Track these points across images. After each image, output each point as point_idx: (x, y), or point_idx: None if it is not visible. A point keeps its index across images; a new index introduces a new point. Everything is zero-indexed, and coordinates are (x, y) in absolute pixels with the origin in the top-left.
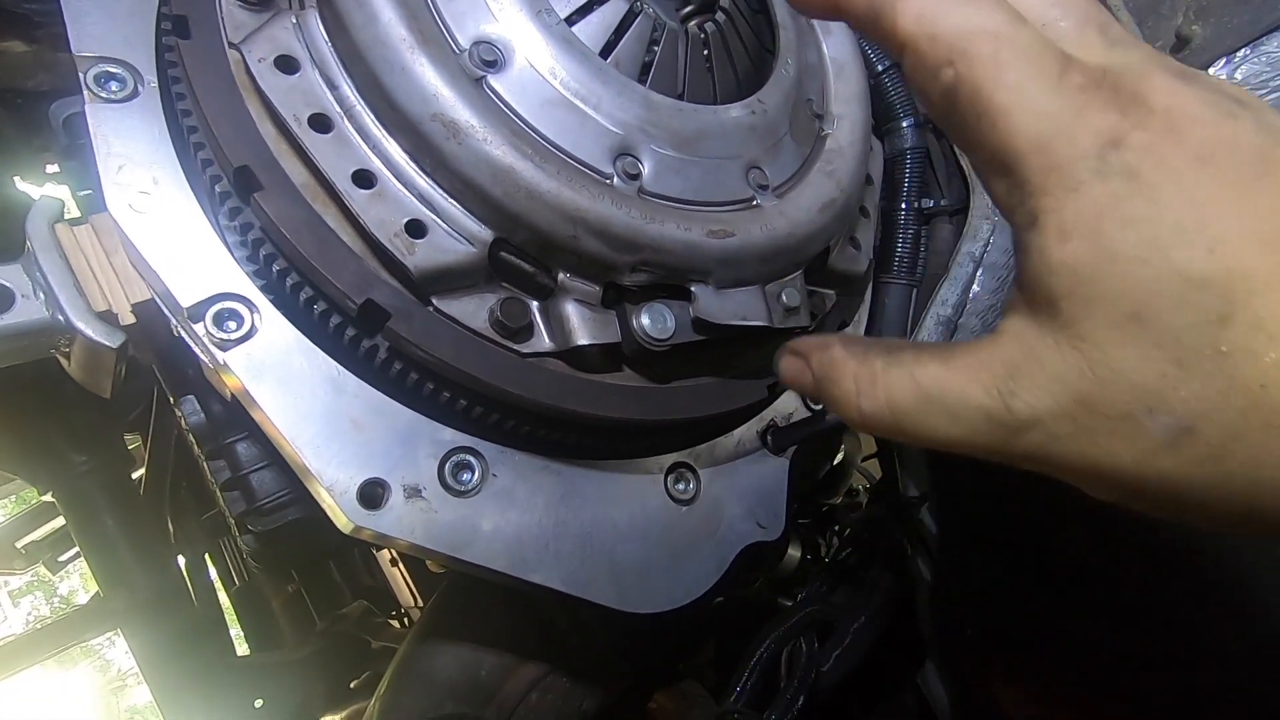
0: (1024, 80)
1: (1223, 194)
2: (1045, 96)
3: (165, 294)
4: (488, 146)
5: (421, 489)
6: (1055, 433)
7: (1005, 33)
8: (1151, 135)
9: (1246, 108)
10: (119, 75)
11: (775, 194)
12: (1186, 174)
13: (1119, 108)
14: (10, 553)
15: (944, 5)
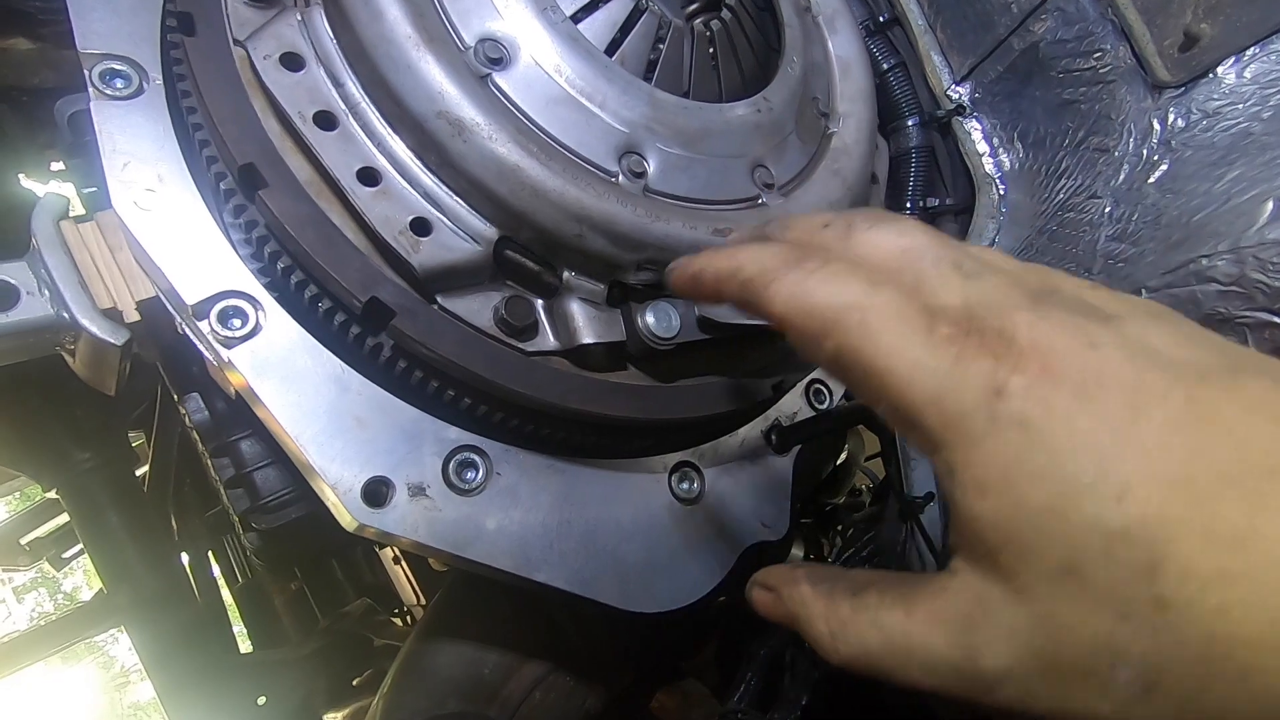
0: (897, 342)
1: (1110, 435)
2: (921, 353)
3: (170, 291)
4: (493, 144)
5: (426, 487)
6: (1028, 687)
7: (865, 301)
8: (1028, 378)
9: (1108, 327)
10: (124, 72)
11: (780, 193)
12: (1073, 416)
13: (991, 352)
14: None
15: (807, 284)
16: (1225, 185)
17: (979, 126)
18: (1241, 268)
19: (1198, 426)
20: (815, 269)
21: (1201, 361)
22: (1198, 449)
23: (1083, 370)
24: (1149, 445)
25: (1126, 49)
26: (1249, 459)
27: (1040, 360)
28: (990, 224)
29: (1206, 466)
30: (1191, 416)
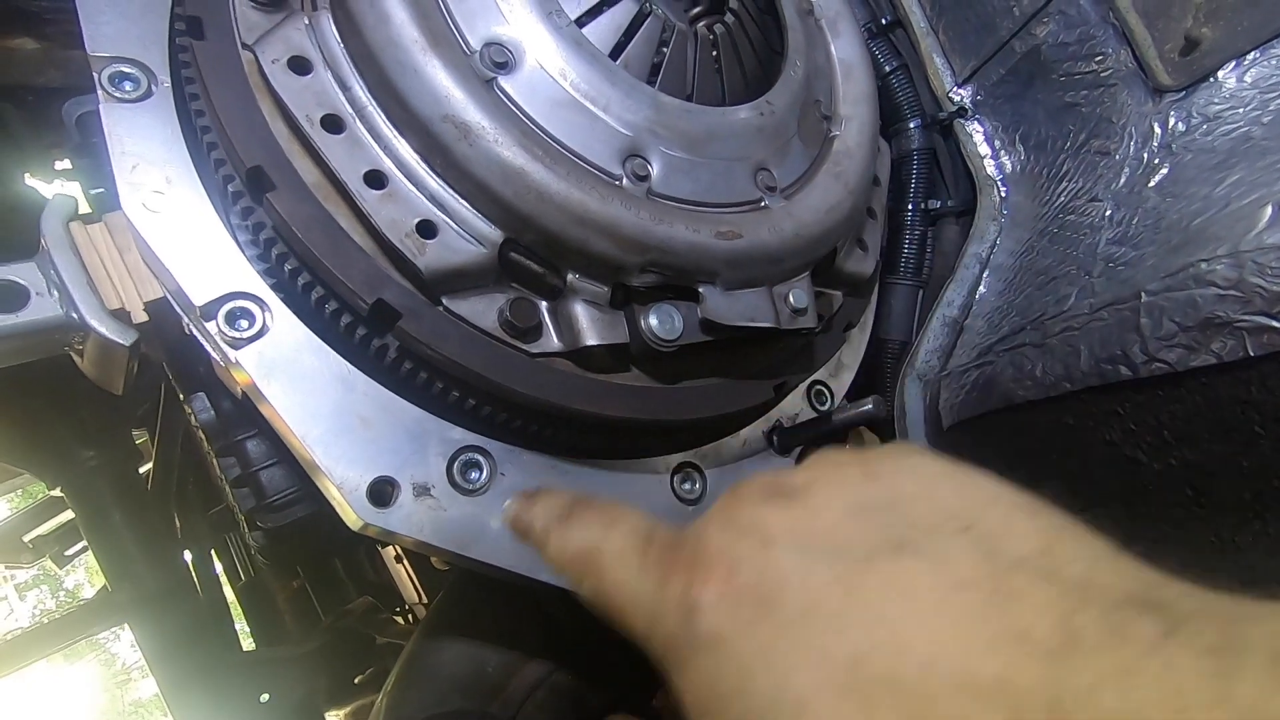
0: (620, 575)
1: (787, 642)
2: (637, 581)
3: (178, 292)
4: (498, 148)
5: (430, 487)
6: None
7: (602, 543)
8: (715, 591)
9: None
10: (133, 75)
11: (783, 195)
12: (755, 626)
13: (685, 567)
14: (17, 546)
15: (566, 533)
16: (1225, 189)
17: (981, 129)
18: (1240, 271)
19: (858, 625)
20: (574, 517)
21: (868, 539)
22: (863, 651)
23: (761, 573)
24: (816, 649)
25: (1128, 53)
26: (911, 661)
27: (725, 569)
28: (992, 226)
29: (874, 672)
30: (853, 612)
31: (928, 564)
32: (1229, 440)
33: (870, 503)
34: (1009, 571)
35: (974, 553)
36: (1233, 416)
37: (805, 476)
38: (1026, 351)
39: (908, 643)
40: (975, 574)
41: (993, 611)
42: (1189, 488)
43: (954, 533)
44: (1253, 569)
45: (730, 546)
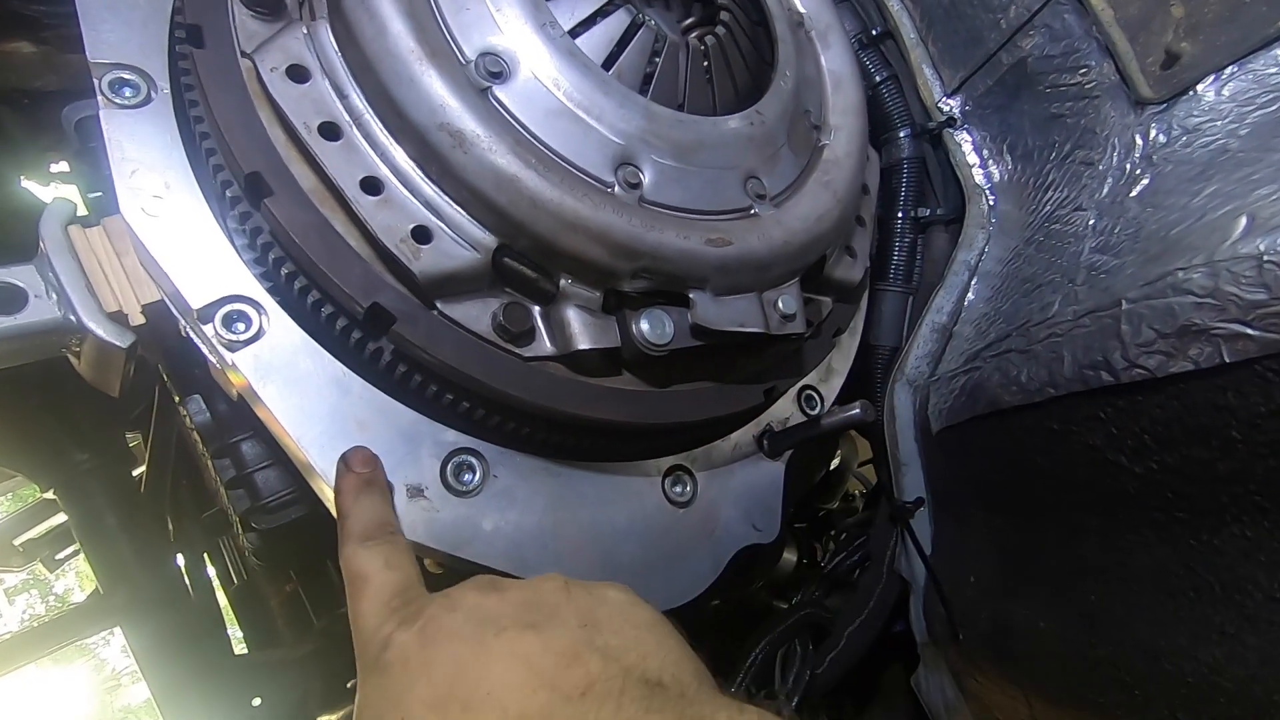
0: (368, 607)
1: (421, 671)
2: (375, 608)
3: (176, 295)
4: (492, 156)
5: (424, 488)
6: None
7: (374, 577)
8: (408, 635)
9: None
10: (133, 82)
11: (773, 203)
12: (412, 660)
13: (400, 618)
14: (8, 550)
15: (350, 548)
16: (1203, 200)
17: (969, 138)
18: (1216, 280)
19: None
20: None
21: (514, 619)
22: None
23: (436, 628)
24: (432, 679)
25: (1111, 65)
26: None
27: (421, 624)
28: (980, 234)
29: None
30: (470, 660)
31: (539, 637)
32: (1207, 445)
33: (539, 601)
34: (588, 651)
35: (576, 638)
36: (1210, 422)
37: (521, 582)
38: (1012, 357)
39: (490, 683)
40: (563, 648)
41: (554, 670)
42: (1169, 492)
43: (575, 626)
44: (1231, 570)
45: (436, 610)
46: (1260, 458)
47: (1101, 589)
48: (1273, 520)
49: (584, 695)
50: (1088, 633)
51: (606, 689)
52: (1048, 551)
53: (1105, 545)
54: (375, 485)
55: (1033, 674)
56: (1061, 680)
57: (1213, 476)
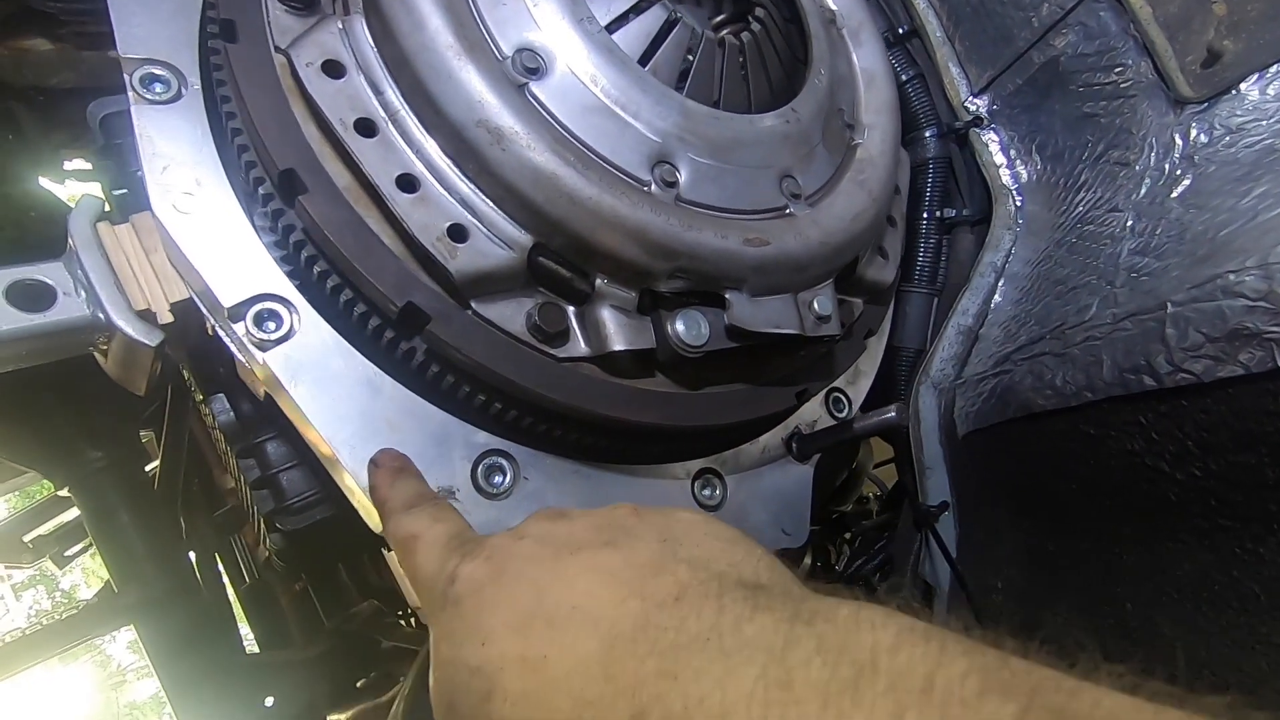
0: (424, 558)
1: (499, 595)
2: (432, 555)
3: (206, 293)
4: (530, 153)
5: (455, 490)
6: None
7: (424, 533)
8: (472, 565)
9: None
10: (163, 77)
11: (808, 203)
12: (483, 588)
13: (462, 554)
14: (17, 546)
15: (395, 519)
16: (1252, 201)
17: (996, 138)
18: (1270, 283)
19: (549, 583)
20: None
21: (590, 539)
22: (541, 599)
23: (506, 556)
24: (515, 601)
25: (1148, 64)
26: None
27: (487, 554)
28: (1007, 235)
29: (541, 614)
30: (548, 578)
31: (619, 552)
32: (1254, 451)
33: (613, 523)
34: (673, 562)
35: (657, 550)
36: (1258, 428)
37: (589, 511)
38: (1046, 361)
39: (573, 597)
40: (648, 560)
41: (641, 580)
42: (1213, 498)
43: (653, 540)
44: (1277, 580)
45: (498, 540)
46: None
47: (1138, 597)
48: None
49: (679, 600)
50: (1122, 642)
51: (703, 591)
52: (1080, 559)
53: (1143, 553)
54: (408, 471)
55: None
56: None
57: (1260, 483)
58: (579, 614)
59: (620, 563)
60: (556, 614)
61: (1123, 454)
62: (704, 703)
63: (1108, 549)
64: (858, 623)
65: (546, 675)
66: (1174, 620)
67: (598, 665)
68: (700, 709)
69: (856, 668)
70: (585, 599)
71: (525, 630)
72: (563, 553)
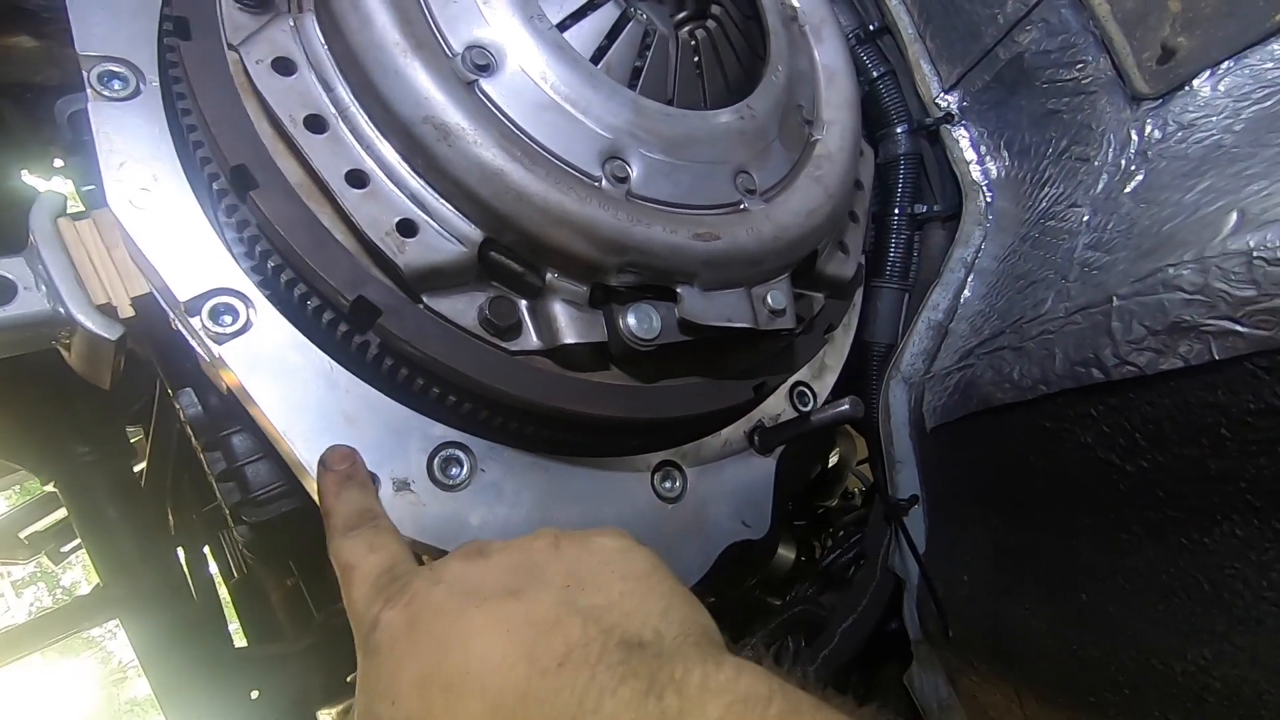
0: (358, 593)
1: (409, 651)
2: (364, 592)
3: (163, 288)
4: (478, 149)
5: (410, 482)
6: None
7: (359, 564)
8: (393, 612)
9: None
10: (121, 74)
11: (763, 198)
12: (398, 639)
13: (386, 597)
14: (13, 543)
15: (335, 543)
16: (1195, 196)
17: (966, 134)
18: (1206, 277)
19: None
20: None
21: (497, 586)
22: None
23: (421, 604)
24: (418, 658)
25: (1107, 60)
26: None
27: (406, 599)
28: (977, 230)
29: (440, 676)
30: (453, 634)
31: (521, 605)
32: (1197, 443)
33: (526, 563)
34: (569, 614)
35: (556, 600)
36: (1200, 420)
37: (509, 543)
38: (1005, 354)
39: (468, 660)
40: (545, 615)
41: (534, 640)
42: (1160, 490)
43: (558, 586)
44: (1221, 570)
45: (421, 585)
46: (1251, 456)
47: (1094, 588)
48: (1263, 519)
49: (560, 666)
50: (1080, 632)
51: (584, 656)
52: (1042, 550)
53: (1098, 544)
54: (354, 479)
55: (1025, 672)
56: (1054, 679)
57: (1203, 475)
58: (471, 680)
59: (520, 618)
60: (453, 678)
61: (1076, 446)
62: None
63: (1066, 541)
64: (703, 694)
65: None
66: (1126, 610)
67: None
68: None
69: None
70: (478, 663)
71: (425, 693)
72: (469, 605)
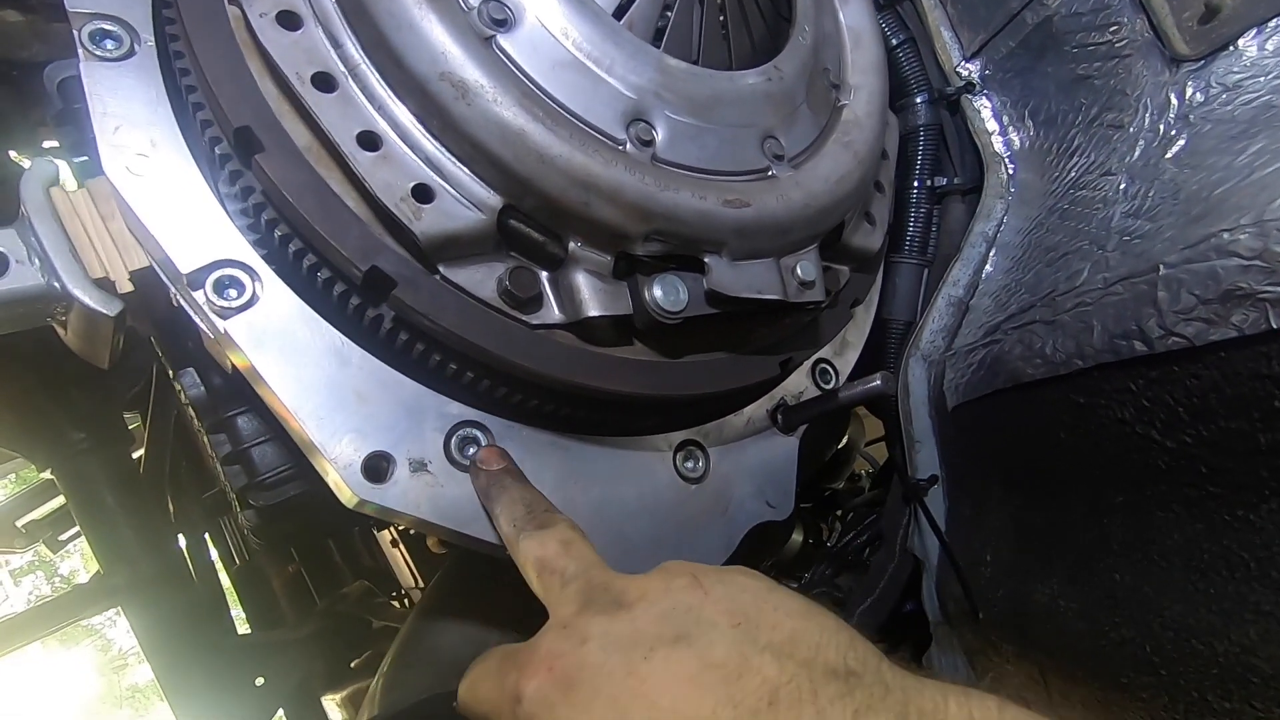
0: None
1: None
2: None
3: (164, 260)
4: (497, 108)
5: (427, 463)
6: None
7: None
8: (537, 681)
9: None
10: (115, 33)
11: (791, 164)
12: (559, 706)
13: (520, 665)
14: (10, 531)
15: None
16: (1248, 159)
17: (988, 104)
18: (1265, 241)
19: (629, 700)
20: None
21: (658, 635)
22: (625, 718)
23: (572, 665)
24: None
25: (1144, 22)
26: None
27: (548, 664)
28: (999, 204)
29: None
30: (627, 690)
31: (694, 651)
32: (1246, 416)
33: (677, 607)
34: (754, 654)
35: (733, 641)
36: (1251, 391)
37: (640, 587)
38: (1036, 329)
39: (659, 713)
40: (726, 657)
41: (726, 684)
42: (1203, 466)
43: (727, 627)
44: (1268, 547)
45: (555, 646)
46: None
47: (1127, 567)
48: None
49: (772, 705)
50: (1111, 612)
51: (794, 693)
52: (1070, 529)
53: (1132, 522)
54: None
55: (1052, 654)
56: (1082, 660)
57: (1252, 449)
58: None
59: (697, 665)
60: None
61: (1112, 422)
62: None
63: (1097, 520)
64: None
65: None
66: (1164, 589)
67: None
68: None
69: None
70: (671, 716)
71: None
72: (634, 659)
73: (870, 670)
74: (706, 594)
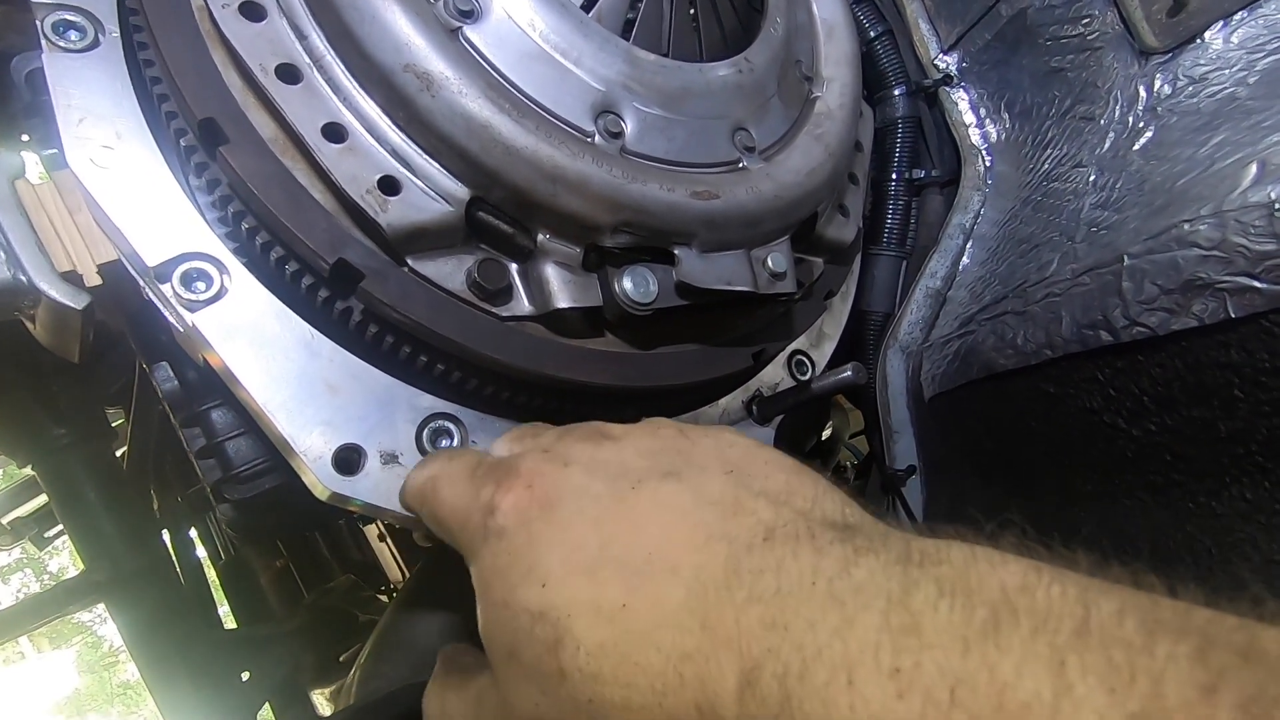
0: (449, 492)
1: (554, 533)
2: (458, 489)
3: (130, 253)
4: (463, 99)
5: (399, 455)
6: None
7: (440, 472)
8: (513, 496)
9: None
10: (78, 24)
11: (762, 156)
12: (532, 522)
13: (495, 480)
14: None
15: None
16: (1210, 150)
17: (966, 96)
18: (1223, 231)
19: (614, 524)
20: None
21: (648, 468)
22: (608, 541)
23: (553, 485)
24: (575, 540)
25: (1114, 14)
26: (641, 548)
27: (526, 481)
28: (976, 196)
29: (610, 558)
30: (611, 515)
31: (687, 487)
32: (1208, 405)
33: (665, 448)
34: (749, 497)
35: (727, 483)
36: (1212, 381)
37: (628, 427)
38: (1008, 319)
39: (645, 539)
40: (721, 497)
41: (721, 520)
42: (1167, 454)
43: (718, 471)
44: (1229, 533)
45: (536, 466)
46: (1263, 416)
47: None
48: (1273, 481)
49: (768, 540)
50: None
51: (791, 533)
52: (1043, 519)
53: (1101, 512)
54: None
55: None
56: None
57: (1213, 437)
58: (656, 561)
59: (690, 500)
60: (629, 559)
61: (1081, 412)
62: (823, 655)
63: (1068, 509)
64: (976, 562)
65: (628, 626)
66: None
67: (690, 615)
68: (820, 662)
69: (991, 609)
70: (661, 544)
71: (594, 575)
72: (621, 487)
73: (868, 523)
74: (694, 444)
